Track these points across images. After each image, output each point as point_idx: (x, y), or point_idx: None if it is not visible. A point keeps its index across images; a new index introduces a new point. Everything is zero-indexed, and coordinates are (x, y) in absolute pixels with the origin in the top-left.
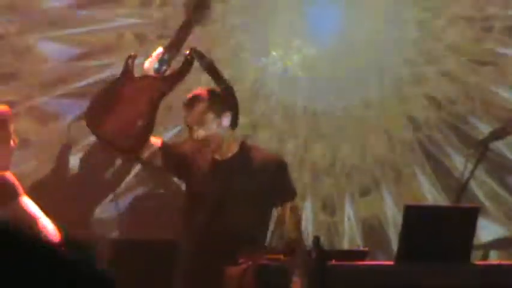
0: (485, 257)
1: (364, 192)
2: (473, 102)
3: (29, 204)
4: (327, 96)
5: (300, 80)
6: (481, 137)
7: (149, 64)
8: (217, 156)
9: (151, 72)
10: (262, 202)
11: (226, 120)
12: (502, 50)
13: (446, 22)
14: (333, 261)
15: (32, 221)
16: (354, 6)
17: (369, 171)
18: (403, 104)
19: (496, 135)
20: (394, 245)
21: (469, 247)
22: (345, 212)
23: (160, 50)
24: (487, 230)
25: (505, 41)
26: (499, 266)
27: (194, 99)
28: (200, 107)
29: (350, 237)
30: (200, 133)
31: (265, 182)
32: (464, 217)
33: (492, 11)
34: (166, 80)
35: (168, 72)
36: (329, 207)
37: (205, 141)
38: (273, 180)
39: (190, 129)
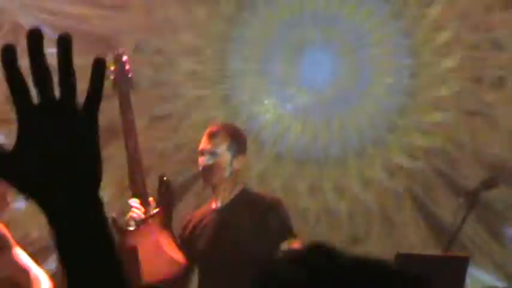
0: None
1: (355, 241)
2: (463, 151)
3: (20, 255)
4: (319, 144)
5: (293, 127)
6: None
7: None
8: (217, 202)
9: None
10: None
11: (237, 163)
12: (491, 100)
13: (438, 75)
14: None
15: (24, 271)
16: (346, 56)
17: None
18: (393, 152)
19: (487, 185)
20: None
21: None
22: None
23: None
24: (474, 279)
25: (494, 91)
26: None
27: (217, 133)
28: (219, 140)
29: None
30: (208, 161)
31: (258, 225)
32: (454, 266)
33: (483, 63)
34: (158, 216)
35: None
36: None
37: (207, 170)
38: (267, 222)
39: (201, 154)
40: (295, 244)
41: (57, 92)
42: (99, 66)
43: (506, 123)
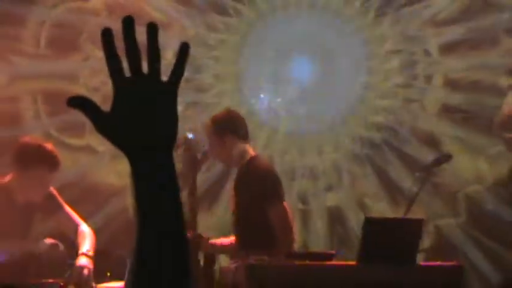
0: (427, 259)
1: (329, 189)
2: (403, 127)
3: (70, 212)
4: (302, 124)
5: (282, 114)
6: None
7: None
8: (231, 166)
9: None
10: (256, 208)
11: (228, 139)
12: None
13: (388, 71)
14: (306, 262)
15: (73, 227)
16: (328, 59)
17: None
18: (356, 128)
19: (438, 161)
20: (351, 218)
21: (415, 251)
22: (315, 202)
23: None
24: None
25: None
26: (437, 265)
27: (207, 125)
28: (207, 129)
29: (320, 220)
30: (204, 148)
31: (256, 189)
32: (411, 227)
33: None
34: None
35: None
36: (302, 199)
37: (205, 156)
38: (262, 186)
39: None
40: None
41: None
42: (184, 49)
43: (432, 108)
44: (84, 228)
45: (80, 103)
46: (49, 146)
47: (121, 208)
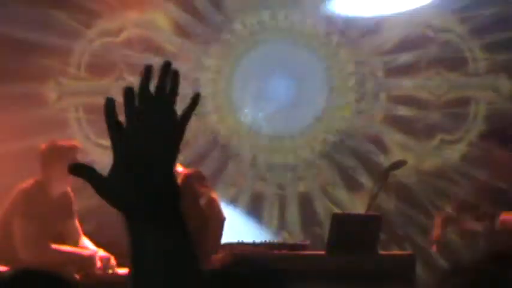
0: (385, 248)
1: (300, 179)
2: (355, 130)
3: (77, 224)
4: (278, 131)
5: (263, 125)
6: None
7: None
8: None
9: None
10: None
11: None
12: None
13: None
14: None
15: (78, 237)
16: (300, 80)
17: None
18: (320, 132)
19: (394, 166)
20: (317, 202)
21: (375, 242)
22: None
23: None
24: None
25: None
26: (395, 254)
27: None
28: None
29: (293, 202)
30: None
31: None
32: (372, 222)
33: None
34: None
35: None
36: (280, 186)
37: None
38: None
39: None
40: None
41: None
42: (195, 99)
43: (378, 118)
44: (86, 242)
45: (81, 171)
46: (70, 144)
47: None
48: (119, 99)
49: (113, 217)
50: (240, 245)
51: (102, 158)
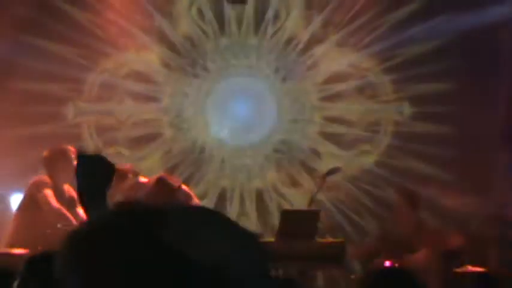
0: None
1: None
2: (300, 135)
3: (80, 211)
4: (243, 143)
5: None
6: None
7: None
8: None
9: None
10: None
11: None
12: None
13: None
14: None
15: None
16: (258, 103)
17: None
18: (275, 143)
19: (330, 172)
20: (270, 196)
21: (314, 231)
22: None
23: None
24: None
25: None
26: (331, 242)
27: None
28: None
29: (250, 196)
30: None
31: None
32: (312, 215)
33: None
34: None
35: None
36: (242, 183)
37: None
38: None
39: None
40: None
41: None
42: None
43: (313, 132)
44: None
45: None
46: (70, 146)
47: None
48: (120, 117)
49: None
50: None
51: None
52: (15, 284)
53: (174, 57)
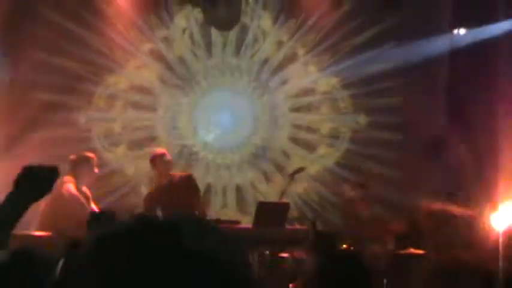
0: (292, 224)
1: (237, 175)
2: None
3: (94, 205)
4: (225, 147)
5: (211, 144)
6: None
7: None
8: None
9: None
10: None
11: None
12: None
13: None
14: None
15: None
16: (239, 114)
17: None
18: (251, 146)
19: (296, 171)
20: (247, 190)
21: (284, 219)
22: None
23: None
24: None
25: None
26: (298, 229)
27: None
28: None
29: (231, 190)
30: None
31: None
32: (282, 206)
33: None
34: None
35: None
36: (224, 178)
37: None
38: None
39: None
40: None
41: None
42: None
43: (283, 138)
44: None
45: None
46: (93, 155)
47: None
48: (123, 123)
49: None
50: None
51: (111, 159)
52: (59, 265)
53: (169, 74)
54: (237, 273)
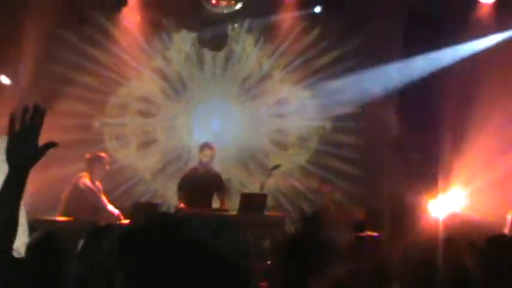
0: (269, 210)
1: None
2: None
3: (104, 198)
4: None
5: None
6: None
7: None
8: None
9: None
10: None
11: (201, 156)
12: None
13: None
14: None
15: (106, 205)
16: (228, 120)
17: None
18: (238, 150)
19: (273, 168)
20: (234, 182)
21: (263, 207)
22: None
23: None
24: None
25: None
26: (273, 215)
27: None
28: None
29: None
30: None
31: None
32: (262, 196)
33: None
34: None
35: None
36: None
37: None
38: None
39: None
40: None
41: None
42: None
43: (264, 142)
44: (112, 207)
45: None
46: (105, 154)
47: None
48: (131, 128)
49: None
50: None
51: (122, 158)
52: (80, 244)
53: (168, 86)
54: (241, 274)
